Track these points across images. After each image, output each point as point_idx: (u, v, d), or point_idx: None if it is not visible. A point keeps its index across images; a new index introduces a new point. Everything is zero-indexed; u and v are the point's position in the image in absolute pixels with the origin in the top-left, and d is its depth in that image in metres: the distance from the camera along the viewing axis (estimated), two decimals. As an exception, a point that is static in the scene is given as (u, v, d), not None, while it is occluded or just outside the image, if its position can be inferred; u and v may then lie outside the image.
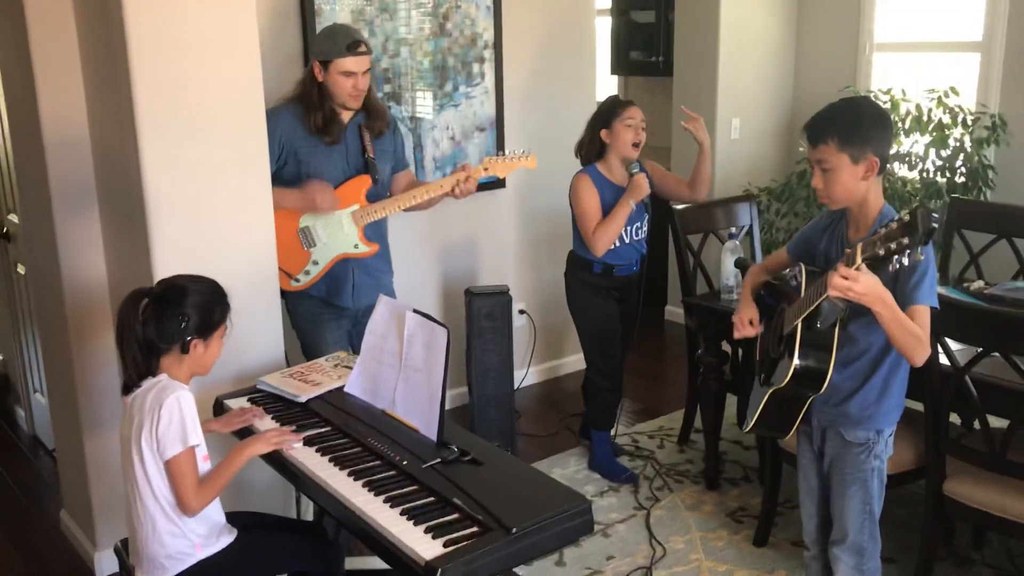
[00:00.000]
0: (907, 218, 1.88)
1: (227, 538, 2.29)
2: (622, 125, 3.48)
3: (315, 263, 3.19)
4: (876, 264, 1.96)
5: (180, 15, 2.59)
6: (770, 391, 2.33)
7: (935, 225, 1.84)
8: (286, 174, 3.15)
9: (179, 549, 2.20)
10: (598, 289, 3.65)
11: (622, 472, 3.77)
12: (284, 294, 3.28)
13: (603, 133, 3.52)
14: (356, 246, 3.19)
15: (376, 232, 3.29)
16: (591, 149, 3.58)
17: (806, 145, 2.27)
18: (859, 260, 1.97)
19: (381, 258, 3.34)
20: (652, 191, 3.56)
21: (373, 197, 3.21)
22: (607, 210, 3.50)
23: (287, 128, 3.11)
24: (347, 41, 3.06)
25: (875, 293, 2.01)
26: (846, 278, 1.98)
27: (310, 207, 3.12)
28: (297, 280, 3.21)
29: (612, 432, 3.90)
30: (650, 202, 3.63)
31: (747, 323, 2.52)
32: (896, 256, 1.89)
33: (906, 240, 1.87)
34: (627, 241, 3.59)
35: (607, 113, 3.53)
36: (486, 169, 3.26)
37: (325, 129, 3.11)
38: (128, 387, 2.22)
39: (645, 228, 3.66)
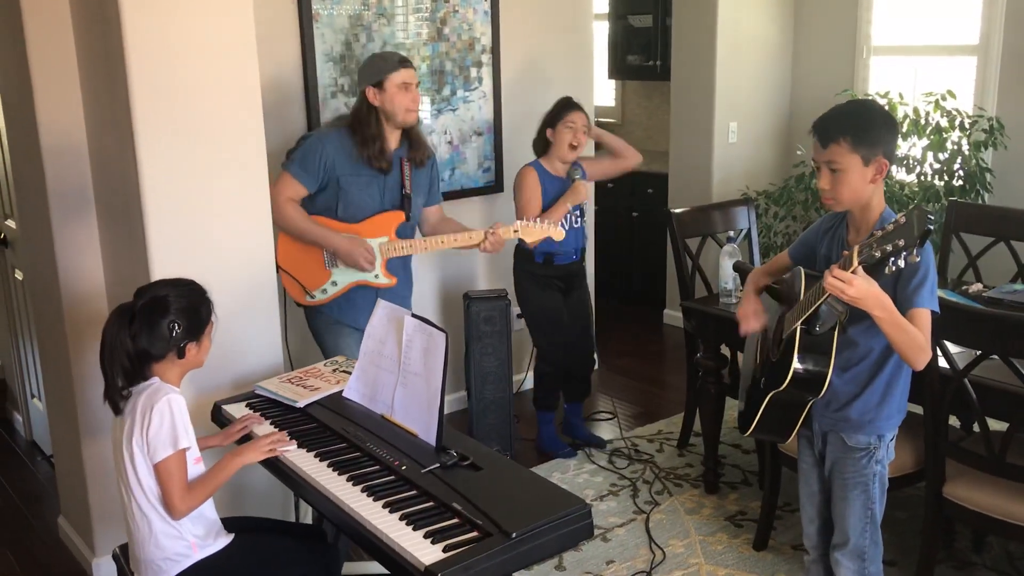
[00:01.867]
0: (903, 220, 1.88)
1: (224, 539, 2.29)
2: (563, 127, 3.74)
3: (333, 283, 3.21)
4: (874, 267, 1.96)
5: (178, 21, 2.59)
6: (770, 395, 2.33)
7: (930, 227, 1.84)
8: (322, 198, 3.18)
9: (176, 551, 2.20)
10: (540, 279, 3.87)
11: (560, 448, 4.00)
12: (299, 304, 3.29)
13: (548, 132, 3.79)
14: (376, 276, 3.21)
15: (400, 263, 3.31)
16: (539, 144, 3.84)
17: (814, 145, 2.23)
18: (855, 263, 1.97)
19: (403, 284, 3.35)
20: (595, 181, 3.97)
21: (402, 233, 3.25)
22: (547, 202, 3.73)
23: (333, 151, 3.14)
24: (397, 58, 3.18)
25: (872, 297, 2.01)
26: (841, 280, 1.98)
27: (350, 261, 3.14)
28: (312, 296, 3.22)
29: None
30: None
31: (751, 314, 2.50)
32: (892, 259, 1.89)
33: (902, 242, 1.87)
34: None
35: (554, 114, 3.79)
36: (516, 231, 3.31)
37: (380, 157, 3.15)
38: (117, 406, 2.21)
39: (583, 218, 3.89)
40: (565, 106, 3.77)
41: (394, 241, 3.21)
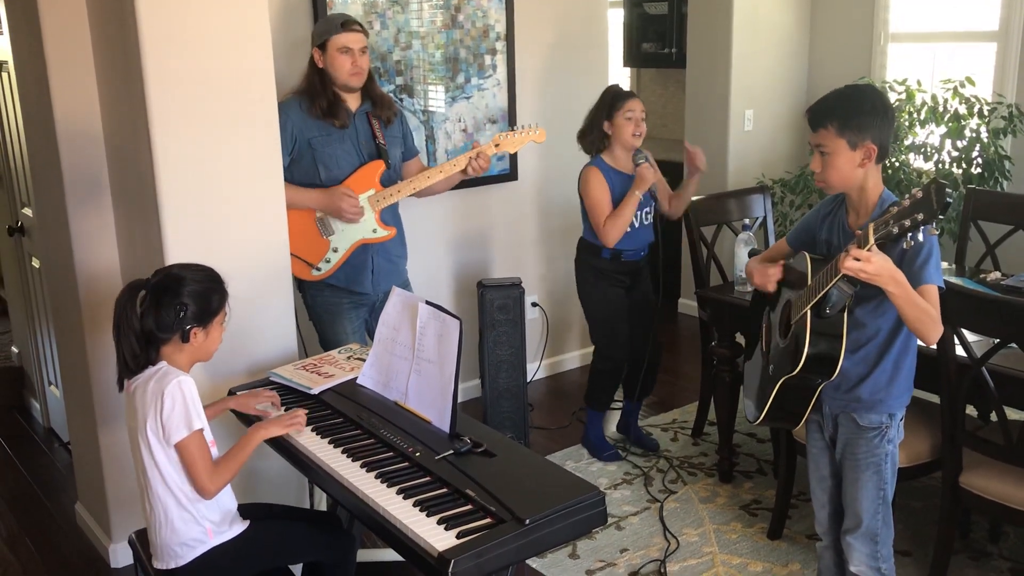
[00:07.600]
0: (920, 195, 1.89)
1: (239, 526, 2.30)
2: (623, 119, 3.54)
3: (335, 250, 3.22)
4: (889, 243, 1.98)
5: (193, 10, 2.59)
6: (780, 381, 2.32)
7: (949, 199, 1.85)
8: (300, 167, 3.18)
9: (192, 536, 2.21)
10: (606, 274, 3.71)
11: (606, 449, 3.88)
12: (302, 286, 3.31)
13: (605, 125, 3.58)
14: (374, 231, 3.22)
15: (392, 216, 3.33)
16: (595, 140, 3.63)
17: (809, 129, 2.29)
18: (872, 240, 1.98)
19: (398, 243, 3.39)
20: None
21: (386, 182, 3.25)
22: (616, 199, 3.56)
23: (297, 119, 3.15)
24: (340, 20, 3.14)
25: (887, 273, 2.03)
26: (858, 259, 2.00)
27: (334, 212, 3.15)
28: (318, 269, 3.23)
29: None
30: (656, 188, 3.65)
31: (756, 270, 2.51)
32: (911, 233, 1.91)
33: (920, 216, 1.88)
34: (637, 226, 3.63)
35: (609, 106, 3.58)
36: (497, 145, 3.31)
37: (331, 112, 3.16)
38: (121, 380, 2.23)
39: (652, 213, 3.72)
40: (622, 95, 3.56)
41: (381, 191, 3.21)
